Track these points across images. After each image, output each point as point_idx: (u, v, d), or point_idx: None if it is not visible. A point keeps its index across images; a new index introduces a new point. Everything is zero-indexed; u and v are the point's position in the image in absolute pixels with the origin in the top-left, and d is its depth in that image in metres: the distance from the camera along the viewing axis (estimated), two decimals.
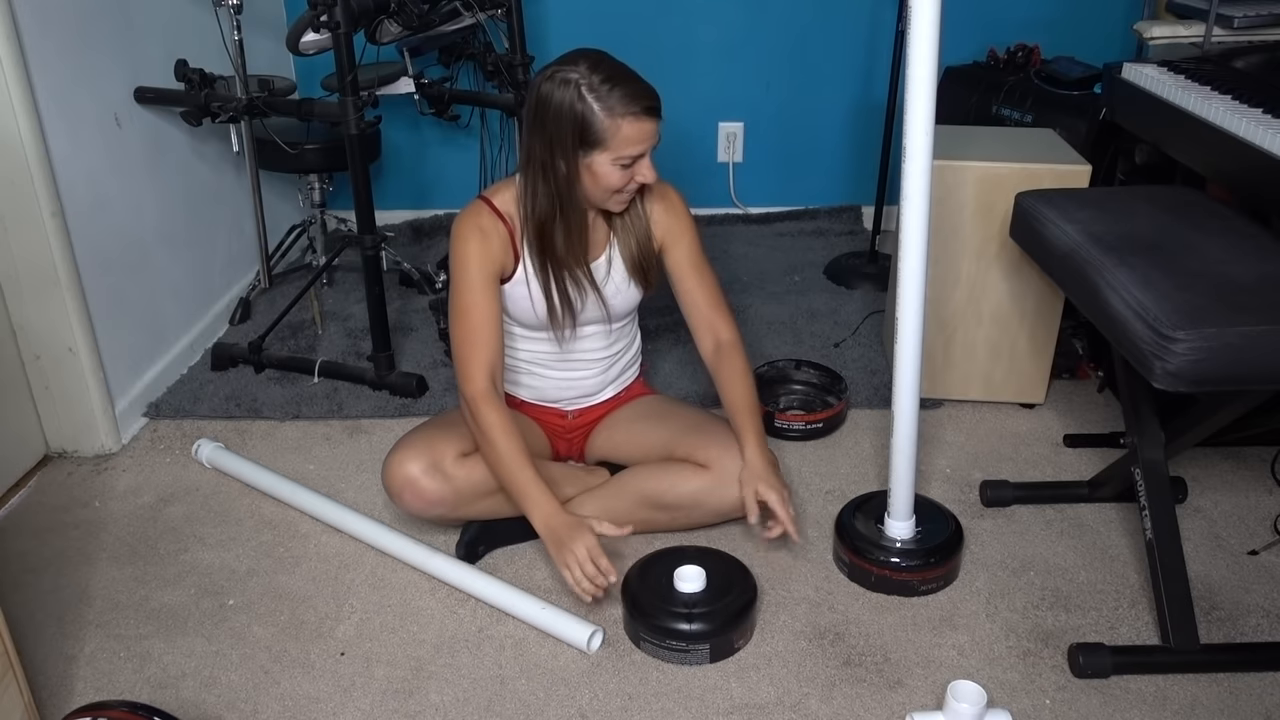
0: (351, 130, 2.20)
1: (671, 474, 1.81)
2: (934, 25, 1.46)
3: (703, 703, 1.55)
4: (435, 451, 1.75)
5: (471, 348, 1.73)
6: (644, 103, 1.61)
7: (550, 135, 1.63)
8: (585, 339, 1.89)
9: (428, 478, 1.73)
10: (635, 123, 1.61)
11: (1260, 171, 1.68)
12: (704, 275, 1.86)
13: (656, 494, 1.82)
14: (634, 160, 1.66)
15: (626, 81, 1.61)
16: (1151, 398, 1.67)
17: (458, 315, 1.75)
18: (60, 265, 2.03)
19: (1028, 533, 1.91)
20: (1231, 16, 2.16)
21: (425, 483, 1.73)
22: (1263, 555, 1.84)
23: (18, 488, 2.09)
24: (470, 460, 1.76)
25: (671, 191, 1.85)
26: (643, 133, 1.63)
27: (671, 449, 1.84)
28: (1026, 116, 2.62)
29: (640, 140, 1.64)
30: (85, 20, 2.14)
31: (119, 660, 1.64)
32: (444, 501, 1.75)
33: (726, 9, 3.14)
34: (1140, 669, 1.58)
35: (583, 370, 1.91)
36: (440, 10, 2.41)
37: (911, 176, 1.53)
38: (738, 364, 1.83)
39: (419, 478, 1.73)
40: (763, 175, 3.37)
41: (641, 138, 1.63)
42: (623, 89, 1.60)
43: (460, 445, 1.76)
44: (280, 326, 2.63)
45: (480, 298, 1.73)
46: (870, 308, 2.75)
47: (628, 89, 1.61)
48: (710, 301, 1.86)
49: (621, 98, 1.60)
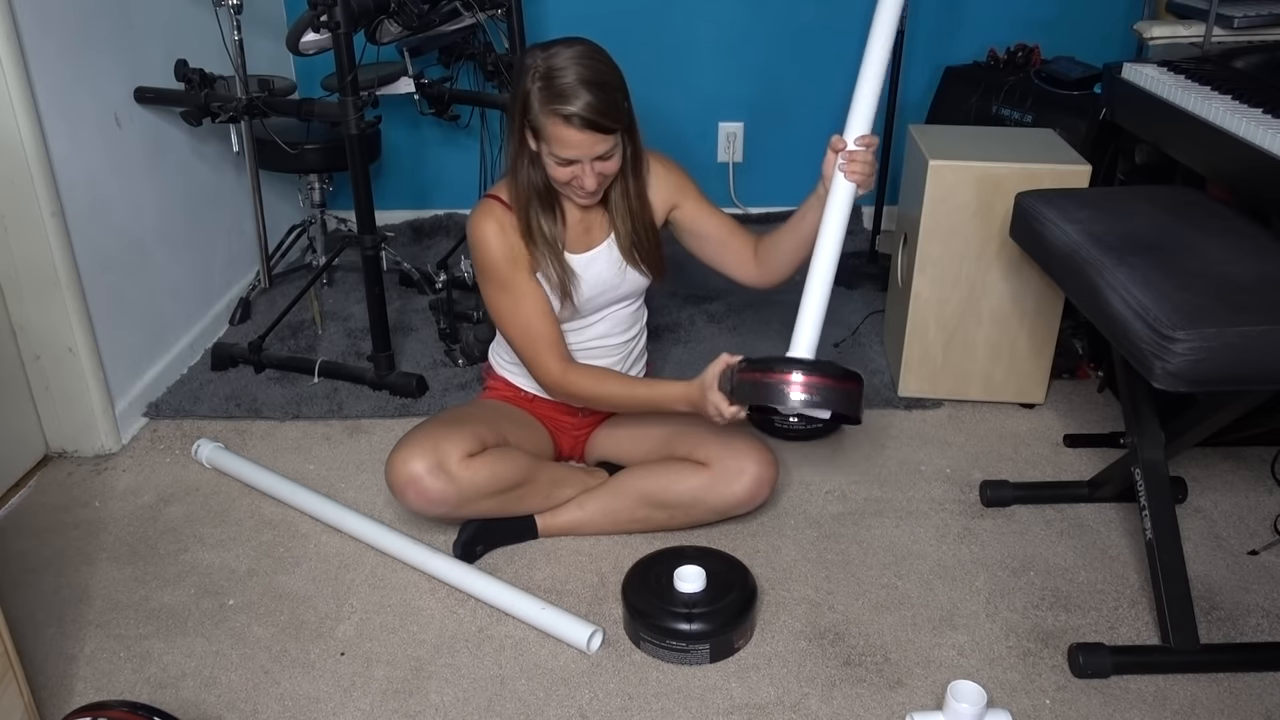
0: (351, 130, 2.20)
1: (670, 472, 1.81)
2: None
3: (703, 703, 1.55)
4: (440, 451, 1.74)
5: (534, 344, 1.77)
6: (571, 109, 1.57)
7: (512, 110, 1.66)
8: (598, 324, 1.88)
9: (432, 477, 1.72)
10: (561, 126, 1.59)
11: (1260, 171, 1.68)
12: (720, 214, 1.90)
13: (656, 492, 1.82)
14: (569, 163, 1.64)
15: (569, 82, 1.58)
16: (1151, 398, 1.67)
17: (504, 318, 1.78)
18: (60, 265, 2.03)
19: (1028, 533, 1.91)
20: (1231, 16, 2.16)
21: (429, 482, 1.73)
22: (1263, 555, 1.84)
23: (18, 488, 2.09)
24: (475, 461, 1.75)
25: (662, 160, 1.85)
26: (567, 139, 1.60)
27: (671, 447, 1.85)
28: (1026, 116, 2.62)
29: (568, 145, 1.61)
30: (85, 20, 2.14)
31: (119, 660, 1.64)
32: (447, 501, 1.75)
33: (726, 8, 3.14)
34: (1140, 669, 1.58)
35: (603, 359, 1.91)
36: (440, 10, 2.41)
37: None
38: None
39: (423, 477, 1.72)
40: (763, 175, 3.37)
41: (568, 142, 1.60)
42: (561, 87, 1.58)
43: (466, 445, 1.76)
44: (280, 326, 2.63)
45: (521, 291, 1.76)
46: (870, 308, 2.75)
47: (565, 90, 1.57)
48: (735, 228, 1.90)
49: (553, 94, 1.58)
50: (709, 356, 2.50)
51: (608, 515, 1.86)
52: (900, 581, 1.79)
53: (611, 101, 1.61)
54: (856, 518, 1.95)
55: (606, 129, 1.61)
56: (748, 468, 1.78)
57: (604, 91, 1.60)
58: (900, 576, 1.80)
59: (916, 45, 3.01)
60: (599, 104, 1.59)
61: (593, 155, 1.63)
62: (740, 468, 1.78)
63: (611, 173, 1.70)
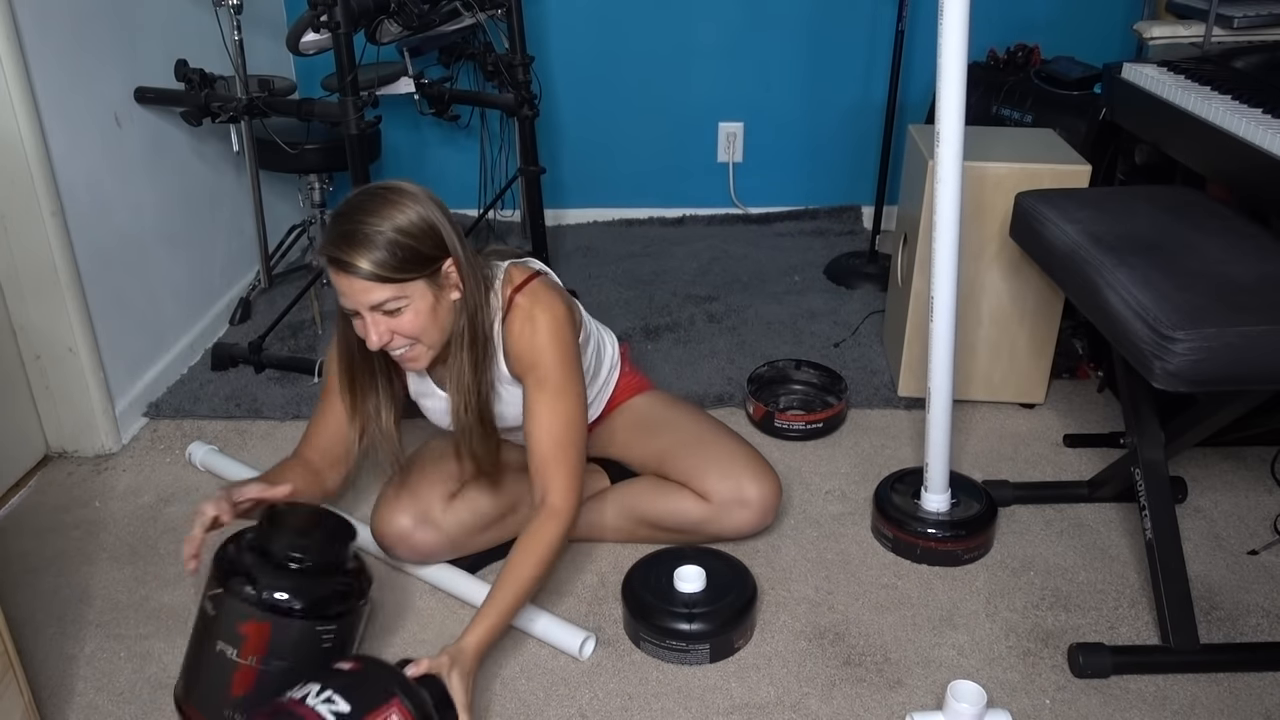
0: (351, 130, 2.20)
1: (672, 501, 1.78)
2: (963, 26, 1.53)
3: (703, 703, 1.55)
4: (421, 501, 1.71)
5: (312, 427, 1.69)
6: (330, 250, 1.41)
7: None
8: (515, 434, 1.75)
9: (420, 530, 1.70)
10: (331, 270, 1.43)
11: (1260, 171, 1.68)
12: (553, 420, 1.57)
13: (658, 518, 1.81)
14: (355, 314, 1.46)
15: (341, 221, 1.43)
16: (1151, 398, 1.67)
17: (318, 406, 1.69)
18: (60, 265, 2.03)
19: (1028, 533, 1.91)
20: (1231, 16, 2.16)
21: (419, 536, 1.70)
22: (1263, 555, 1.84)
23: (18, 488, 2.09)
24: (456, 502, 1.72)
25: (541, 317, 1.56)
26: (337, 283, 1.43)
27: (669, 466, 1.79)
28: (1026, 116, 2.62)
29: (340, 290, 1.44)
30: (85, 20, 2.14)
31: (119, 660, 1.64)
32: (440, 549, 1.73)
33: (726, 8, 3.14)
34: (1140, 669, 1.58)
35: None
36: (440, 10, 2.41)
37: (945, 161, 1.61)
38: (544, 534, 1.54)
39: (412, 532, 1.70)
40: (763, 175, 3.37)
41: (339, 287, 1.43)
42: (333, 226, 1.44)
43: (445, 488, 1.73)
44: (280, 326, 2.63)
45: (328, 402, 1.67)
46: (870, 308, 2.75)
47: (334, 228, 1.43)
48: (550, 454, 1.57)
49: (326, 232, 1.45)
50: (709, 356, 2.52)
51: (608, 530, 1.85)
52: (900, 581, 1.79)
53: (393, 247, 1.41)
54: (856, 518, 1.95)
55: (380, 276, 1.40)
56: (750, 499, 1.75)
57: (389, 234, 1.41)
58: (900, 576, 1.80)
59: (916, 45, 3.01)
60: (371, 247, 1.40)
61: (367, 305, 1.43)
62: (742, 499, 1.75)
63: (410, 332, 1.47)
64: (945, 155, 1.60)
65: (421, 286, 1.46)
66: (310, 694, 1.28)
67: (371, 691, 1.30)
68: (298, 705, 1.27)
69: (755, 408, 2.23)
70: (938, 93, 1.57)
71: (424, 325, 1.48)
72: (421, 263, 1.45)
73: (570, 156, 3.36)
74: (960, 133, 1.59)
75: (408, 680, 1.35)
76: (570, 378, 1.59)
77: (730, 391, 2.37)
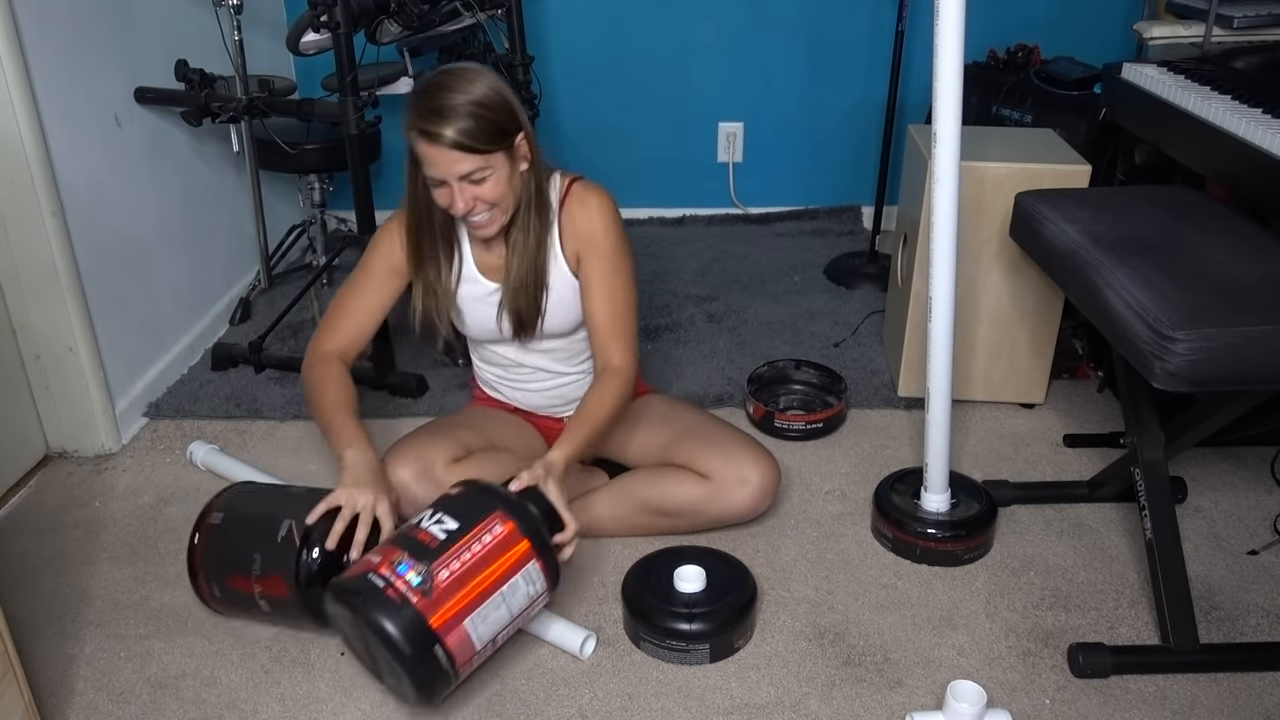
0: (351, 130, 2.20)
1: (672, 483, 1.81)
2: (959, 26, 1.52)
3: (703, 703, 1.55)
4: (425, 458, 1.75)
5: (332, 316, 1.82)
6: (421, 124, 1.55)
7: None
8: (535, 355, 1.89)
9: (419, 484, 1.73)
10: (421, 142, 1.57)
11: (1260, 171, 1.68)
12: (611, 294, 1.76)
13: (656, 501, 1.82)
14: (440, 184, 1.60)
15: (432, 98, 1.55)
16: (1151, 398, 1.67)
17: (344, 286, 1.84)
18: (60, 265, 2.03)
19: (1028, 533, 1.91)
20: (1231, 16, 2.16)
21: (416, 489, 1.73)
22: (1263, 555, 1.84)
23: (18, 488, 2.09)
24: (460, 466, 1.76)
25: (593, 198, 1.76)
26: (427, 155, 1.57)
27: (671, 454, 1.83)
28: (1026, 116, 2.62)
29: (428, 162, 1.58)
30: (85, 20, 2.14)
31: (119, 660, 1.64)
32: None
33: (727, 8, 3.14)
34: (1140, 669, 1.58)
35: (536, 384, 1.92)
36: (440, 10, 2.41)
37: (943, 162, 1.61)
38: (610, 386, 1.73)
39: (410, 484, 1.73)
40: (763, 175, 3.37)
41: (428, 159, 1.58)
42: (424, 102, 1.56)
43: (451, 451, 1.77)
44: (280, 326, 2.63)
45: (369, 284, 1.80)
46: (870, 308, 2.75)
47: (427, 105, 1.55)
48: (608, 324, 1.76)
49: (416, 111, 1.56)
50: (709, 356, 2.52)
51: (609, 521, 1.86)
52: (900, 581, 1.79)
53: (478, 119, 1.55)
54: (856, 518, 1.95)
55: (468, 147, 1.55)
56: (749, 478, 1.77)
57: (471, 107, 1.55)
58: (900, 576, 1.80)
59: (916, 45, 3.01)
60: (458, 119, 1.54)
61: (456, 175, 1.58)
62: (742, 478, 1.77)
63: (491, 199, 1.62)
64: (942, 155, 1.60)
65: (501, 158, 1.61)
66: (425, 518, 1.51)
67: (475, 508, 1.51)
68: (414, 530, 1.49)
69: (755, 408, 2.23)
70: (935, 93, 1.57)
71: (502, 193, 1.63)
72: (501, 135, 1.59)
73: (570, 156, 3.34)
74: (957, 133, 1.59)
75: (509, 495, 1.54)
76: (623, 257, 1.78)
77: (730, 392, 2.37)
